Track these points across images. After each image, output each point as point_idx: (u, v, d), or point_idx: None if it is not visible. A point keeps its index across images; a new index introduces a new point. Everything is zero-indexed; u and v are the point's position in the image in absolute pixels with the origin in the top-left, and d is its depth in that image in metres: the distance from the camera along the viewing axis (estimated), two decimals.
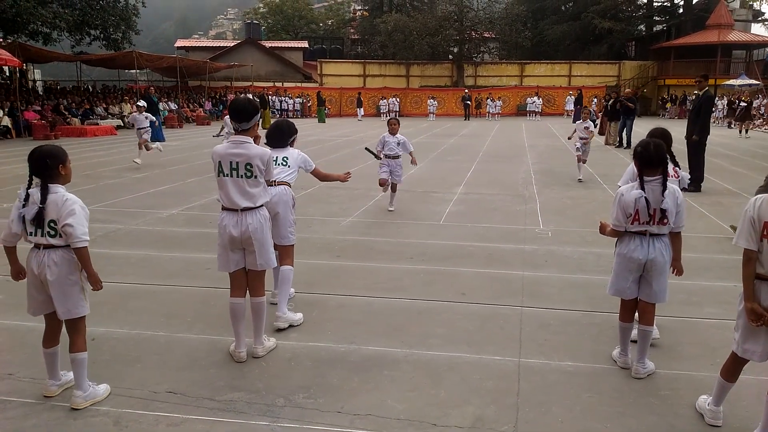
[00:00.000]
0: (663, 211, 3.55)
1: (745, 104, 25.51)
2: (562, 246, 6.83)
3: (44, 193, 3.22)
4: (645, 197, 3.53)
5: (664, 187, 3.55)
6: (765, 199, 2.85)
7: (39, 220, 3.21)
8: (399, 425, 3.21)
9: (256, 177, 3.83)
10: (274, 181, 4.51)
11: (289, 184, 4.70)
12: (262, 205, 3.91)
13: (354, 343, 4.24)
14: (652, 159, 3.54)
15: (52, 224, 3.22)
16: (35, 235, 3.26)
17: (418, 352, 4.10)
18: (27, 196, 3.24)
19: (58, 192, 3.26)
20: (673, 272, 3.81)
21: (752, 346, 2.97)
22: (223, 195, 3.86)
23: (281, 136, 4.82)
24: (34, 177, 3.26)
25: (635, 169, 3.70)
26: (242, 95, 6.25)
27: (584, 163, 11.88)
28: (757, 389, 3.44)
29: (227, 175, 3.81)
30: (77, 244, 3.21)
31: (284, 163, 4.73)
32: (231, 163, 3.80)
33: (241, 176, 3.80)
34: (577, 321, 4.65)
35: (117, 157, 15.56)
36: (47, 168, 3.25)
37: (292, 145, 4.90)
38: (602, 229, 3.86)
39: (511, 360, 3.98)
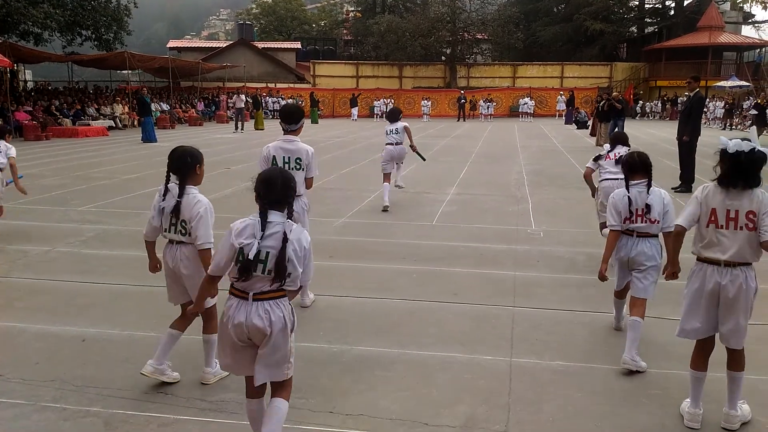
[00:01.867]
0: (648, 207, 3.92)
1: (758, 109, 23.29)
2: (554, 246, 6.85)
3: (182, 189, 3.45)
4: (628, 197, 3.95)
5: (649, 187, 3.97)
6: (711, 187, 3.13)
7: (176, 212, 3.44)
8: (391, 425, 3.21)
9: (303, 169, 4.64)
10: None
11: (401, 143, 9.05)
12: (301, 195, 4.68)
13: (346, 343, 4.23)
14: (636, 165, 4.04)
15: (183, 223, 3.44)
16: (169, 231, 3.50)
17: (410, 352, 4.10)
18: (166, 191, 3.49)
19: (191, 193, 3.46)
20: (664, 275, 3.72)
21: (691, 325, 3.22)
22: None
23: (396, 114, 9.25)
24: (172, 174, 3.49)
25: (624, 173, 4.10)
26: (290, 101, 6.70)
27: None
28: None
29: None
30: (202, 246, 3.39)
31: (395, 132, 8.93)
32: (284, 157, 4.61)
33: (292, 168, 4.58)
34: (569, 321, 4.67)
35: (108, 158, 15.48)
36: (187, 166, 3.47)
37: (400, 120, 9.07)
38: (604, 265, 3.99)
39: (502, 359, 3.99)
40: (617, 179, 5.24)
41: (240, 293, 2.68)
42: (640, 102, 38.24)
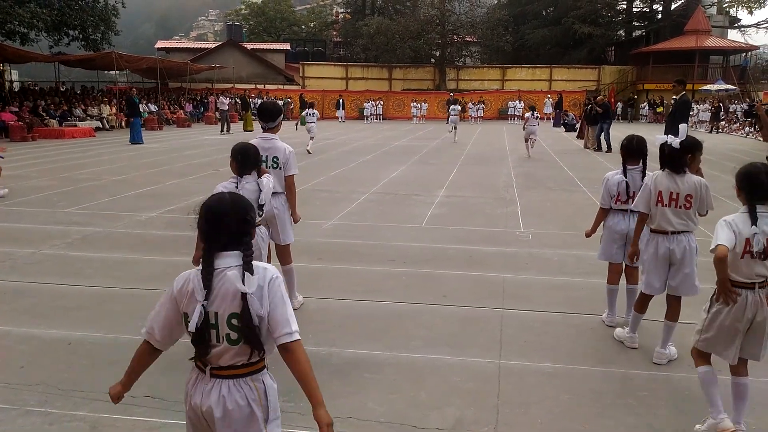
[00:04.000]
0: None
1: None
2: (542, 248, 6.87)
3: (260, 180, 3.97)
4: (626, 182, 4.37)
5: (644, 174, 4.33)
6: (658, 174, 3.88)
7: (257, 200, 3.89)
8: (380, 427, 3.20)
9: (281, 168, 4.60)
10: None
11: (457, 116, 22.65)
12: (283, 192, 4.68)
13: (335, 346, 4.22)
14: (633, 150, 4.41)
15: (259, 208, 3.93)
16: None
17: (399, 354, 4.10)
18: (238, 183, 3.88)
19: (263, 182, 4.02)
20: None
21: (654, 282, 3.96)
22: None
23: (456, 101, 24.44)
24: (246, 168, 3.90)
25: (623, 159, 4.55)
26: (269, 100, 6.38)
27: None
28: None
29: None
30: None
31: (455, 111, 22.61)
32: (261, 156, 4.40)
33: (269, 167, 4.55)
34: (557, 322, 4.69)
35: (95, 159, 15.36)
36: (259, 160, 4.08)
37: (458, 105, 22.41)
38: (591, 230, 4.70)
39: (491, 361, 3.99)
40: (534, 125, 16.83)
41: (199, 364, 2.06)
42: (620, 105, 38.11)
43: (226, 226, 1.95)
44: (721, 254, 2.85)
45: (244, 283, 1.89)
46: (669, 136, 3.83)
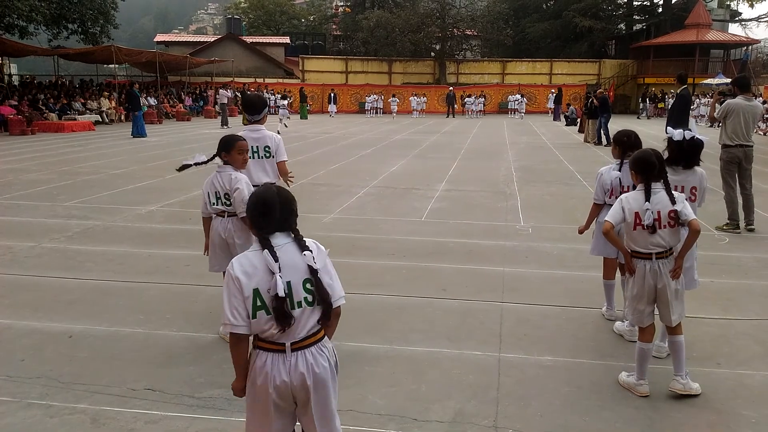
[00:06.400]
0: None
1: None
2: (542, 242, 6.87)
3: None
4: (619, 177, 4.28)
5: None
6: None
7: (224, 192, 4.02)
8: (380, 420, 3.21)
9: (272, 157, 4.69)
10: None
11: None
12: (275, 181, 4.68)
13: (334, 339, 4.17)
14: (631, 145, 4.27)
15: (226, 196, 3.99)
16: (216, 205, 4.02)
17: (398, 347, 4.10)
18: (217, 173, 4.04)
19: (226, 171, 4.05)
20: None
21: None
22: (248, 174, 4.40)
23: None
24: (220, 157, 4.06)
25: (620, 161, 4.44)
26: (252, 92, 6.44)
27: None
28: None
29: (250, 157, 4.52)
30: (241, 214, 3.97)
31: (473, 102, 35.23)
32: (252, 147, 4.55)
33: (262, 157, 4.66)
34: (557, 316, 4.70)
35: (95, 152, 15.34)
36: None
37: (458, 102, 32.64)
38: (585, 226, 4.61)
39: (491, 355, 4.00)
40: (521, 105, 34.55)
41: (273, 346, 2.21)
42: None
43: (274, 214, 2.20)
44: (603, 229, 3.39)
45: (311, 258, 2.20)
46: (687, 130, 3.80)
